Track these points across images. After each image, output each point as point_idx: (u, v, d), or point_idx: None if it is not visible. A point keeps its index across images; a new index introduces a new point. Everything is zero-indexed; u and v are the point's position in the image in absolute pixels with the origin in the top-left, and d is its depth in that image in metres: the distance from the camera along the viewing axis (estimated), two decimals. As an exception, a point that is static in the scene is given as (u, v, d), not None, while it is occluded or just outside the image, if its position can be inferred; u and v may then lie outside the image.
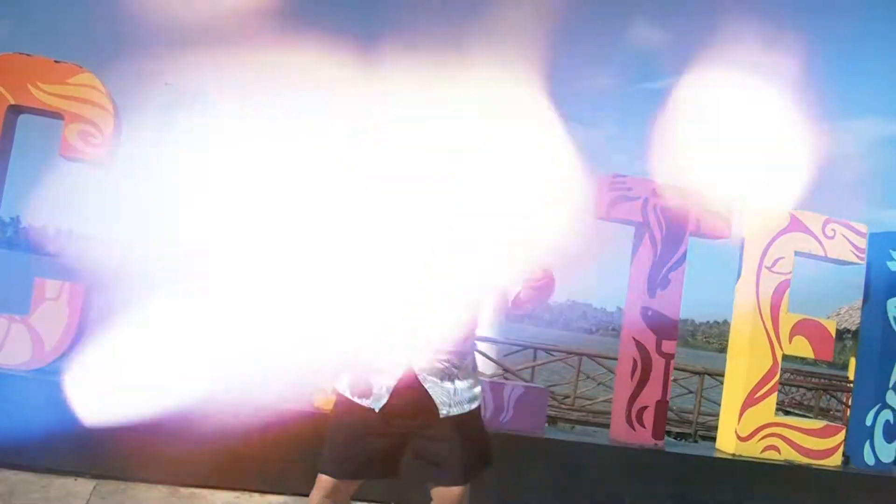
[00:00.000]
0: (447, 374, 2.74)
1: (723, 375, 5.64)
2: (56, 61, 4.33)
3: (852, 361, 15.65)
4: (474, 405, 2.80)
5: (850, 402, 12.70)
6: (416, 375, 2.69)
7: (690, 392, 11.47)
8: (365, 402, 2.71)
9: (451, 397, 2.74)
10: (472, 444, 2.79)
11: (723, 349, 6.25)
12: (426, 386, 2.70)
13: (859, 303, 16.40)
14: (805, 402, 14.93)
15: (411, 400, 2.70)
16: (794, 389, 15.66)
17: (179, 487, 4.15)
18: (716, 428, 5.56)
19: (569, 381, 11.83)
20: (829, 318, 6.58)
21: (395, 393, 2.69)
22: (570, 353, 11.36)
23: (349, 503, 2.87)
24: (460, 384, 2.77)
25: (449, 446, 2.74)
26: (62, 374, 4.41)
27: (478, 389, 2.84)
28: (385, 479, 2.84)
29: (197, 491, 4.15)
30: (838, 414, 11.60)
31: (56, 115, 4.31)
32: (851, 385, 14.10)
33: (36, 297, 4.28)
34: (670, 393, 5.21)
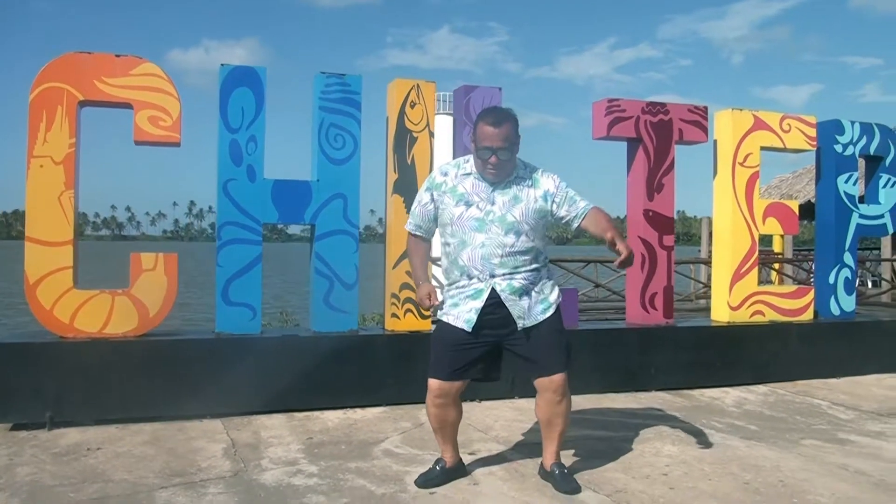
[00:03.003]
0: (524, 292, 3.41)
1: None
2: (117, 55, 4.73)
3: (776, 238, 17.24)
4: (548, 314, 3.45)
5: (782, 271, 14.23)
6: (498, 295, 3.37)
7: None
8: (458, 324, 3.40)
9: (526, 312, 3.41)
10: (552, 342, 3.45)
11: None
12: (507, 304, 3.37)
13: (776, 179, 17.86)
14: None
15: (495, 316, 3.39)
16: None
17: (294, 413, 4.81)
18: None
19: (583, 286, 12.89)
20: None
21: (482, 313, 3.37)
22: (587, 262, 12.87)
23: (458, 402, 3.52)
24: (535, 299, 3.44)
25: (534, 345, 3.41)
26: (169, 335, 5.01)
27: (551, 299, 3.48)
28: (492, 380, 3.58)
29: (310, 413, 4.82)
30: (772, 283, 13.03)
31: (125, 105, 4.72)
32: (781, 255, 15.64)
33: (133, 270, 4.77)
34: (674, 278, 6.11)
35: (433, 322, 3.66)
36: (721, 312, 6.15)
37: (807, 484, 3.60)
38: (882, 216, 6.55)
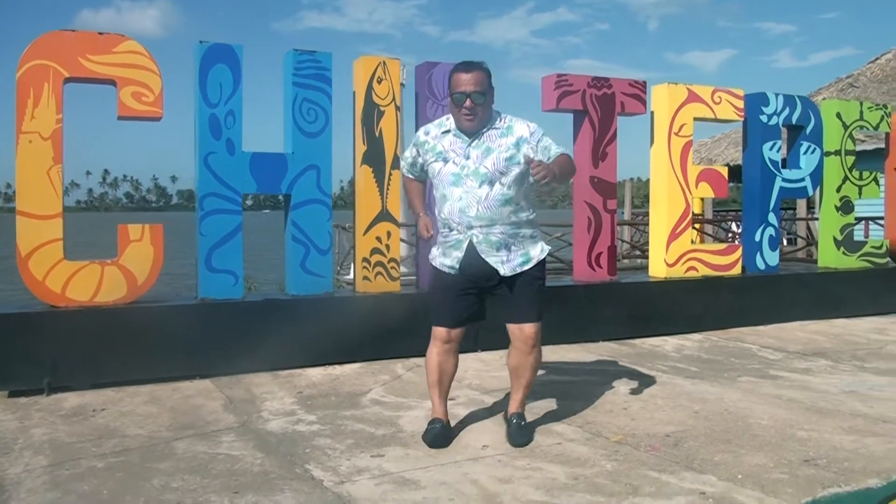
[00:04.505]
0: (502, 245, 3.67)
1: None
2: (100, 33, 4.91)
3: (695, 200, 18.14)
4: (527, 266, 3.67)
5: (703, 231, 15.05)
6: (475, 248, 3.65)
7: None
8: (446, 269, 3.72)
9: (505, 262, 3.63)
10: (529, 293, 3.75)
11: (555, 206, 7.64)
12: (483, 256, 3.61)
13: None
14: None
15: (477, 266, 3.69)
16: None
17: (278, 371, 5.15)
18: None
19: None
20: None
21: (465, 262, 3.66)
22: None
23: (457, 350, 3.82)
24: (514, 251, 3.71)
25: (513, 295, 3.71)
26: (161, 301, 5.28)
27: (532, 254, 3.69)
28: (477, 323, 3.86)
29: (293, 371, 5.17)
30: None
31: (109, 81, 4.92)
32: (702, 216, 16.52)
33: (122, 241, 5.00)
34: (616, 239, 6.65)
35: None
36: (658, 269, 6.73)
37: (748, 411, 4.19)
38: (803, 180, 7.24)
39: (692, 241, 6.95)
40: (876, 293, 7.68)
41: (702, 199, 17.82)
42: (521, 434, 3.74)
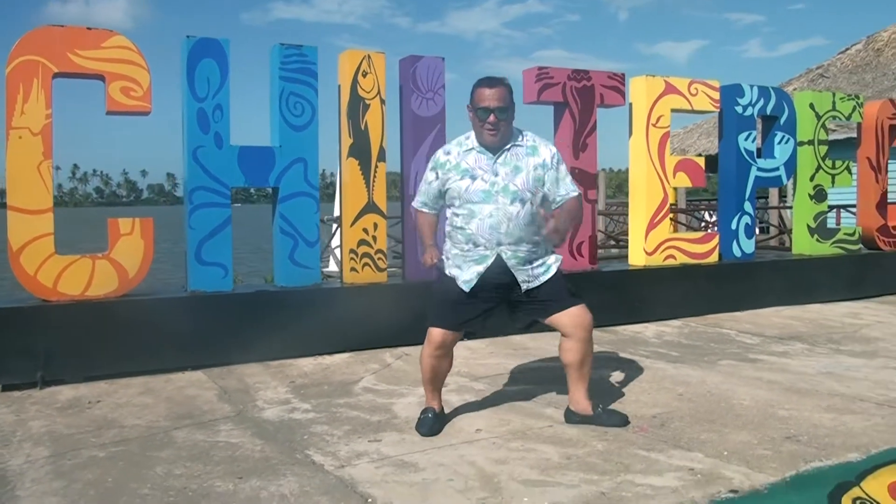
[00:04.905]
0: (527, 261, 3.68)
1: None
2: (88, 28, 4.94)
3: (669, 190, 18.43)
4: (549, 275, 3.74)
5: (676, 220, 15.24)
6: (504, 262, 3.63)
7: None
8: (460, 283, 3.71)
9: (530, 276, 3.70)
10: (560, 286, 3.76)
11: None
12: (514, 271, 3.65)
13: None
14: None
15: (499, 278, 3.65)
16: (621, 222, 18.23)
17: (269, 362, 5.22)
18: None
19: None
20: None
21: (486, 275, 3.63)
22: None
23: (452, 353, 3.82)
24: (537, 264, 3.72)
25: (545, 293, 3.70)
26: (151, 294, 5.32)
27: (549, 262, 3.75)
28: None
29: (284, 361, 5.24)
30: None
31: (97, 76, 4.95)
32: (675, 205, 16.79)
33: (112, 235, 5.05)
34: (597, 229, 6.78)
35: (437, 269, 3.83)
36: (638, 257, 6.88)
37: (730, 392, 4.34)
38: (777, 169, 7.43)
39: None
40: (849, 279, 7.91)
41: (675, 189, 18.12)
42: (615, 415, 3.81)
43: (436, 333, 3.72)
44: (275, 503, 2.91)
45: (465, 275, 3.69)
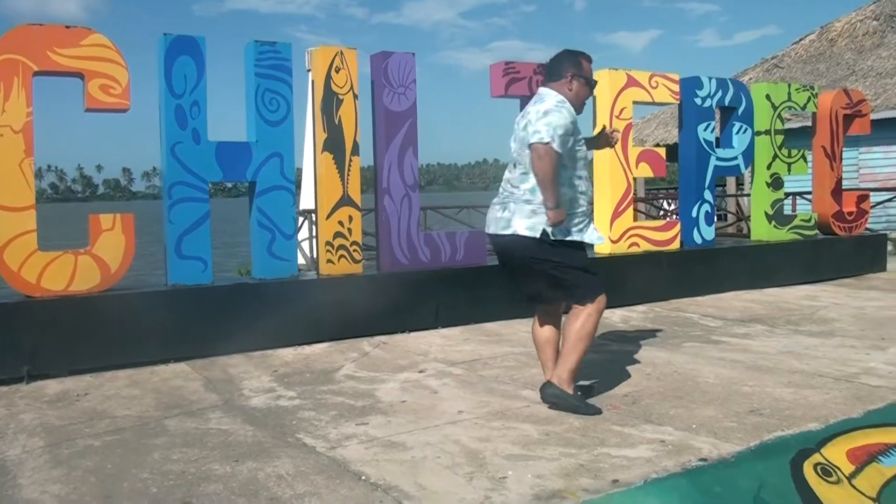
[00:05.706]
0: (502, 205, 3.86)
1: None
2: (67, 27, 5.00)
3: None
4: (508, 231, 3.78)
5: (636, 209, 15.55)
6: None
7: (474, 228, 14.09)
8: (595, 239, 3.96)
9: (497, 221, 3.87)
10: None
11: (487, 187, 8.13)
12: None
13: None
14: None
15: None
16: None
17: (251, 352, 5.35)
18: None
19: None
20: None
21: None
22: (461, 207, 13.91)
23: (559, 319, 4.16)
24: (506, 213, 3.82)
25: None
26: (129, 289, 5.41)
27: (515, 225, 3.75)
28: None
29: (264, 352, 5.37)
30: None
31: (76, 74, 5.02)
32: (634, 195, 17.07)
33: (93, 231, 5.12)
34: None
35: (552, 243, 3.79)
36: (603, 246, 7.11)
37: (695, 371, 4.59)
38: (736, 158, 7.72)
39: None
40: (806, 263, 8.25)
41: (634, 179, 18.51)
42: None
43: (603, 300, 3.95)
44: (273, 482, 3.06)
45: (591, 235, 3.92)
